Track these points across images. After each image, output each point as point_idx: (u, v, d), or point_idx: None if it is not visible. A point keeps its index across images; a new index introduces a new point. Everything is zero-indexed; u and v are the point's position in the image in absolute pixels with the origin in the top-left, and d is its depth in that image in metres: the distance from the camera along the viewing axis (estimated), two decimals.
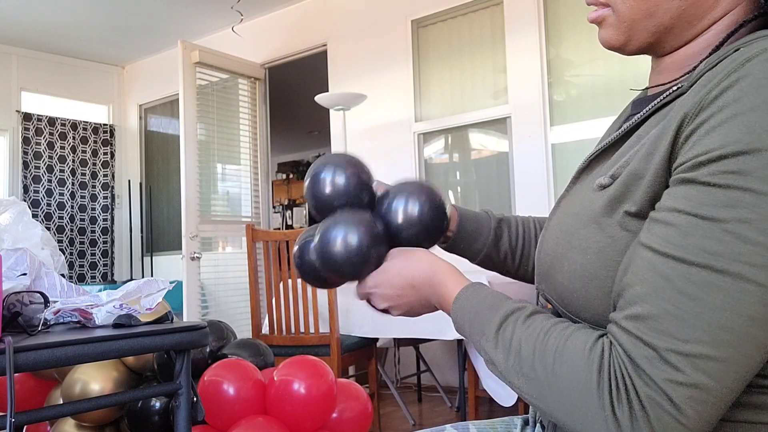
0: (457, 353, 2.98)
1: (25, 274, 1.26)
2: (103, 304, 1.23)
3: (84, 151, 6.06)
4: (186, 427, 1.25)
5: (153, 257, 6.05)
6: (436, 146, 4.28)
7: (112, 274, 6.18)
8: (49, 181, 5.79)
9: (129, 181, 6.26)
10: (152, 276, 3.39)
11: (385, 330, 2.93)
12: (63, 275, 1.41)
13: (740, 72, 0.54)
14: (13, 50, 5.67)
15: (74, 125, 5.99)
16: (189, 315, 4.25)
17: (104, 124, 6.23)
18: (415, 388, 4.01)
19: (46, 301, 1.23)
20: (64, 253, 5.79)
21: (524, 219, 1.00)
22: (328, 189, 0.84)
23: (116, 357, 1.50)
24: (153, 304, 1.27)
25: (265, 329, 3.06)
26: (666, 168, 0.58)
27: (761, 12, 0.64)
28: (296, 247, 0.89)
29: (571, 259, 0.66)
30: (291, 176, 10.58)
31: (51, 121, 5.83)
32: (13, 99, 5.69)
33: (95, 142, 6.14)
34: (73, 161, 5.96)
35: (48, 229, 4.63)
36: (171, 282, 1.35)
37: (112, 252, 6.20)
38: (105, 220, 6.14)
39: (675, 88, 0.63)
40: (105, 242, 6.14)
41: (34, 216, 4.73)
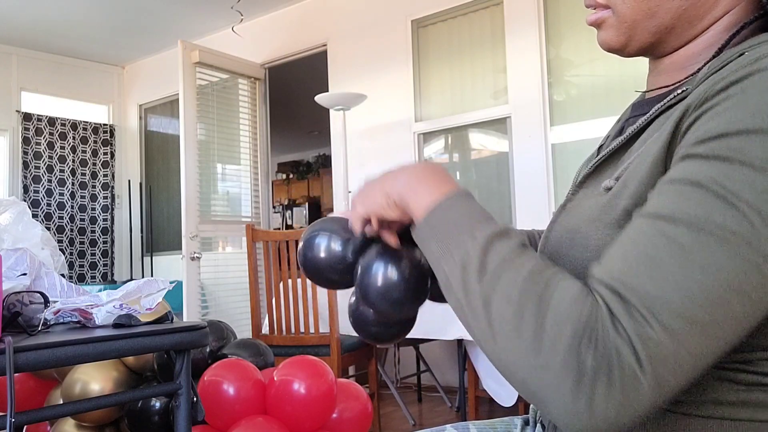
0: (457, 353, 2.98)
1: (25, 274, 1.26)
2: (103, 304, 1.23)
3: (84, 151, 6.06)
4: (186, 427, 1.25)
5: (153, 257, 6.04)
6: (436, 146, 4.28)
7: (112, 274, 6.18)
8: (49, 181, 5.78)
9: (129, 181, 6.26)
10: (152, 276, 3.39)
11: None
12: (63, 275, 1.41)
13: (749, 68, 0.54)
14: (13, 50, 5.67)
15: (74, 125, 5.99)
16: (189, 315, 4.25)
17: (104, 124, 6.23)
18: (415, 388, 4.01)
19: (46, 301, 1.24)
20: (64, 253, 5.79)
21: (529, 232, 0.98)
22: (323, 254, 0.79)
23: (116, 357, 1.51)
24: (153, 304, 1.27)
25: (265, 329, 3.06)
26: (663, 158, 0.58)
27: (761, 13, 0.64)
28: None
29: (573, 257, 0.66)
30: (291, 176, 10.58)
31: (51, 121, 5.83)
32: (13, 99, 5.69)
33: (95, 142, 6.14)
34: (73, 161, 5.96)
35: (48, 229, 4.62)
36: (171, 282, 1.35)
37: (112, 252, 6.20)
38: (105, 220, 6.14)
39: (679, 92, 0.63)
40: (105, 242, 6.14)
41: (34, 216, 4.73)
